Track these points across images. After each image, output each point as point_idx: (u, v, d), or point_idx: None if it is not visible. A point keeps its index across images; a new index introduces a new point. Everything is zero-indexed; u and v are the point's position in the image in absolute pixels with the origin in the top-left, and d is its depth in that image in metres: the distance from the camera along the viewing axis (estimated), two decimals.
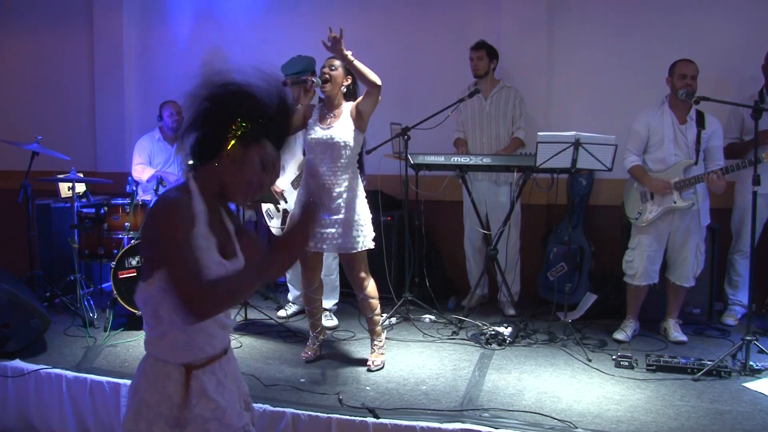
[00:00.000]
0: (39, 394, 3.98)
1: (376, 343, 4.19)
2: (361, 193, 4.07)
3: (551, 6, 5.66)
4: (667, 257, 4.62)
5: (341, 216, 3.94)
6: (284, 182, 5.05)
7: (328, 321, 5.10)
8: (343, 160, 3.95)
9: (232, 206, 5.82)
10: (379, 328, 4.21)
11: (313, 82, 3.97)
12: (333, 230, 3.94)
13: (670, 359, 3.99)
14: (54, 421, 3.95)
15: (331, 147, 3.93)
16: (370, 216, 4.09)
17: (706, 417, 3.35)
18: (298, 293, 5.28)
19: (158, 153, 5.94)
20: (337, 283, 5.21)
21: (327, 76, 3.97)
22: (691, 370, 3.89)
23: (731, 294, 5.08)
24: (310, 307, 4.27)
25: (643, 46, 5.40)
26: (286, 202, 5.02)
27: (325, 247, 3.99)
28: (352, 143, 3.95)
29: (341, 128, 3.94)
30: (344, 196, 3.95)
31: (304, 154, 4.93)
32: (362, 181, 4.18)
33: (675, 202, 4.42)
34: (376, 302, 4.11)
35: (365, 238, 4.02)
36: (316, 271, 4.20)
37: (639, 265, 4.54)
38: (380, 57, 6.14)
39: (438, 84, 5.85)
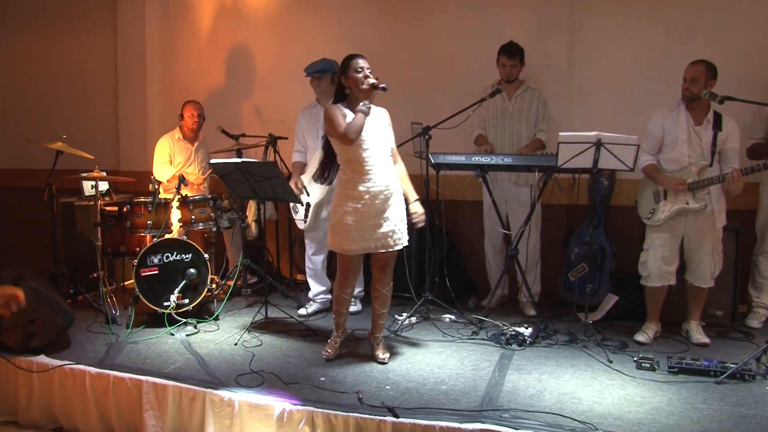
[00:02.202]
0: (63, 389, 4.03)
1: (383, 336, 4.35)
2: (399, 189, 4.15)
3: (572, 5, 5.62)
4: (685, 259, 4.58)
5: (394, 212, 4.04)
6: (306, 176, 5.17)
7: (352, 306, 5.19)
8: (391, 156, 4.08)
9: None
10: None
11: (384, 88, 3.95)
12: (387, 229, 4.02)
13: (692, 361, 3.95)
14: (77, 416, 4.00)
15: (386, 143, 4.04)
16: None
17: (730, 420, 3.32)
18: (319, 290, 5.31)
19: (179, 152, 5.99)
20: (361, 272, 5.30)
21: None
22: (713, 373, 3.85)
23: (755, 296, 5.02)
24: (341, 308, 4.30)
25: (665, 45, 5.35)
26: (308, 195, 5.12)
27: (382, 246, 4.04)
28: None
29: (385, 123, 4.06)
30: (394, 191, 4.05)
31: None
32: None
33: (687, 203, 4.38)
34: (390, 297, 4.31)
35: (404, 233, 4.14)
36: (357, 273, 4.30)
37: (653, 265, 4.51)
38: (401, 56, 6.17)
39: (459, 83, 5.84)
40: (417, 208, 4.18)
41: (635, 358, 4.08)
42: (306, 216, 5.17)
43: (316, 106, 5.22)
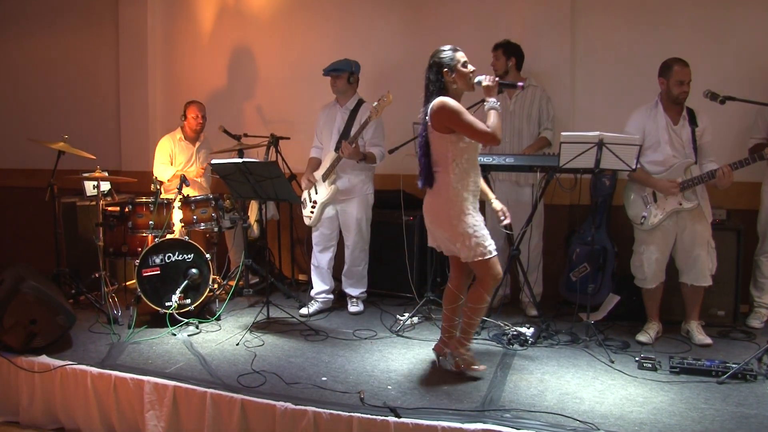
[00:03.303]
0: (64, 389, 4.03)
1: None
2: None
3: (575, 3, 5.62)
4: (679, 261, 4.57)
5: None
6: (317, 174, 5.23)
7: (354, 307, 5.29)
8: None
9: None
10: None
11: (523, 86, 3.86)
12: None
13: (694, 361, 3.94)
14: (79, 416, 4.00)
15: None
16: None
17: (732, 421, 3.31)
18: (321, 289, 5.33)
19: (180, 153, 5.99)
20: (365, 273, 5.37)
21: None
22: (715, 373, 3.85)
23: (757, 296, 5.02)
24: (480, 318, 4.02)
25: (668, 44, 5.32)
26: (316, 193, 5.19)
27: None
28: None
29: None
30: None
31: (336, 150, 5.04)
32: None
33: (681, 204, 4.39)
34: None
35: None
36: None
37: (648, 269, 4.52)
38: (402, 56, 6.17)
39: None
40: (500, 205, 4.10)
41: (637, 358, 4.08)
42: (312, 212, 5.24)
43: (335, 106, 5.27)
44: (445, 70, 3.77)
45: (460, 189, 3.72)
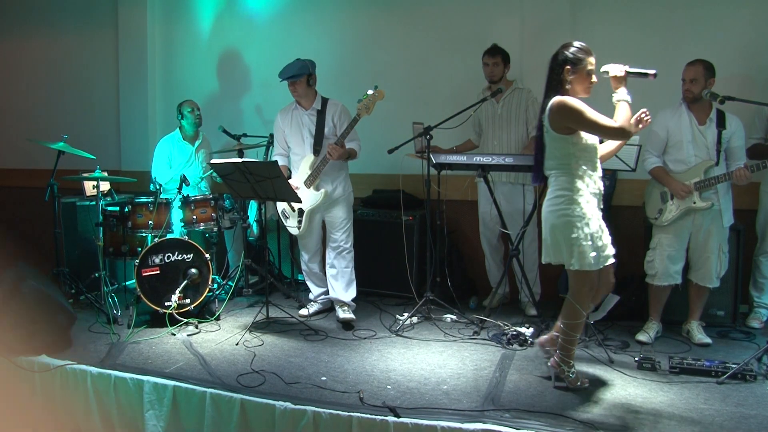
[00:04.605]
0: (64, 389, 4.04)
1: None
2: None
3: (574, 5, 5.62)
4: (690, 258, 4.58)
5: None
6: (297, 180, 5.08)
7: (347, 314, 5.07)
8: None
9: (254, 204, 5.88)
10: None
11: (656, 74, 3.58)
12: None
13: (693, 362, 3.95)
14: (79, 415, 4.00)
15: None
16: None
17: (731, 421, 3.31)
18: (319, 291, 5.31)
19: (179, 154, 5.97)
20: (353, 275, 5.22)
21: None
22: (715, 373, 3.85)
23: (756, 296, 5.02)
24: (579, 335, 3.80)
25: (667, 45, 5.35)
26: (300, 201, 5.03)
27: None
28: None
29: None
30: None
31: (315, 153, 4.96)
32: None
33: (694, 203, 4.39)
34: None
35: None
36: None
37: (659, 265, 4.51)
38: (401, 57, 6.18)
39: (459, 84, 5.83)
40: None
41: (636, 358, 4.08)
42: (300, 222, 5.11)
43: (297, 108, 5.14)
44: (568, 67, 3.52)
45: (581, 192, 3.53)
